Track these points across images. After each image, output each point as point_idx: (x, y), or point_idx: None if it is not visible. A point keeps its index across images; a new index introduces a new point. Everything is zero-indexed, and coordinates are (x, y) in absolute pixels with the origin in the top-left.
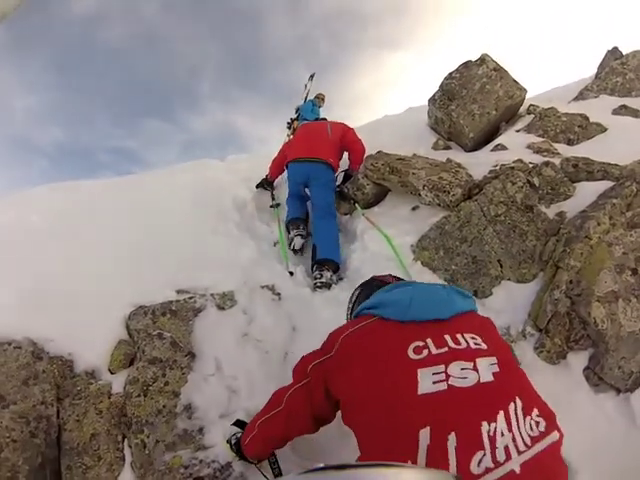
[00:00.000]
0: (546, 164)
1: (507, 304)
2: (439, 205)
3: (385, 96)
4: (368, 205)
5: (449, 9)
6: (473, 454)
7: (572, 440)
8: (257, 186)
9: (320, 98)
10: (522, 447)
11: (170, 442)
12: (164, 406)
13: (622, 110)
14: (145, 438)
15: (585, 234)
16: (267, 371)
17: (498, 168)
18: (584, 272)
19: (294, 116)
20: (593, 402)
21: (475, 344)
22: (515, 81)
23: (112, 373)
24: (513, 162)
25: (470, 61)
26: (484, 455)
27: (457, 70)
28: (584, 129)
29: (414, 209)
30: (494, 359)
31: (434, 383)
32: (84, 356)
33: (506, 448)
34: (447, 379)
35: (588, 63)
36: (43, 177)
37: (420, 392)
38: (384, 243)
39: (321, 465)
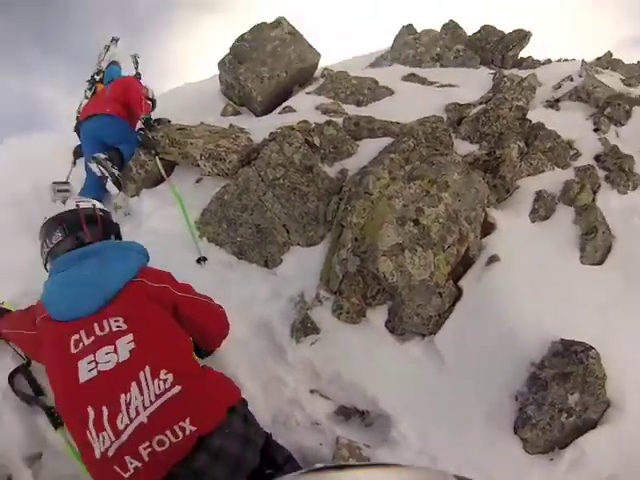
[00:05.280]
0: (328, 123)
1: (298, 270)
2: (218, 174)
3: (200, 60)
4: (155, 183)
5: None
6: (116, 417)
7: (387, 393)
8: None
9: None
10: (147, 404)
11: None
12: None
13: (411, 77)
14: None
15: (365, 190)
16: None
17: (278, 130)
18: (367, 228)
19: (98, 76)
20: (400, 352)
21: (117, 327)
22: (310, 45)
23: None
24: (297, 123)
25: (265, 23)
26: (123, 416)
27: (250, 32)
28: (373, 91)
29: (198, 182)
30: (130, 337)
31: (89, 371)
32: None
33: (137, 408)
34: (96, 366)
35: (386, 36)
36: None
37: (81, 381)
38: (174, 219)
39: (321, 465)
